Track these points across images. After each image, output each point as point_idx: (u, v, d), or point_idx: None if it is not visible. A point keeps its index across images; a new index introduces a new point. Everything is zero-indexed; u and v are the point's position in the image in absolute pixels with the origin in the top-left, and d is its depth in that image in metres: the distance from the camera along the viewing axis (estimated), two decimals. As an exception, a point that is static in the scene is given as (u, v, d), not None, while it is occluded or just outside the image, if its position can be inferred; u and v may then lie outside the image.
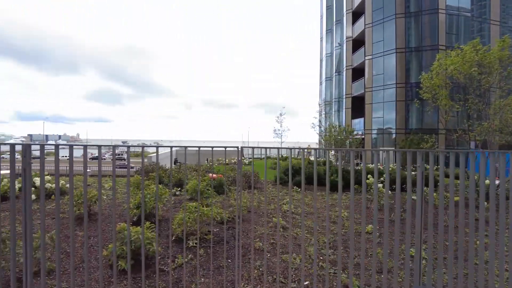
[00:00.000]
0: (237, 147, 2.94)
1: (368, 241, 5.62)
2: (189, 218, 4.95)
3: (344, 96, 36.22)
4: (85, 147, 3.12)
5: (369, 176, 10.17)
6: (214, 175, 10.00)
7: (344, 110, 36.16)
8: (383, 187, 10.05)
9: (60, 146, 2.95)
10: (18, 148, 2.78)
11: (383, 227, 6.72)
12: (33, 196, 7.10)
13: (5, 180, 7.28)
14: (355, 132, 24.88)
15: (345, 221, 6.91)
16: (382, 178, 9.75)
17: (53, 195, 8.13)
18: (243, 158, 25.89)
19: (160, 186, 6.19)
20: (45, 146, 2.91)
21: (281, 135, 32.61)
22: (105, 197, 7.32)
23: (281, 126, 32.80)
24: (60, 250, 3.04)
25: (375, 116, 30.06)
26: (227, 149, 2.94)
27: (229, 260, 4.50)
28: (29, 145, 2.81)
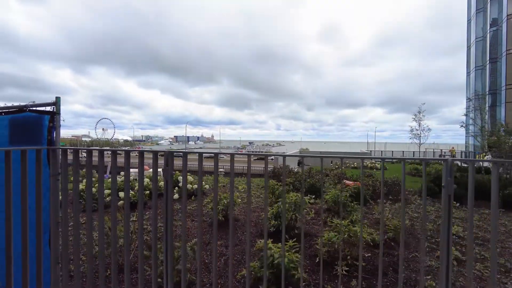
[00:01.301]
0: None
1: None
2: (337, 239, 4.04)
3: (503, 88, 29.20)
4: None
5: None
6: (350, 182, 8.82)
7: (503, 104, 29.14)
8: None
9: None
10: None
11: None
12: (176, 195, 7.47)
13: (147, 180, 7.91)
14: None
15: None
16: None
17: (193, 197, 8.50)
18: (372, 162, 23.44)
19: (295, 194, 5.48)
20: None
21: (420, 136, 28.30)
22: (239, 200, 7.11)
23: (419, 126, 28.49)
24: (200, 261, 2.61)
25: (552, 111, 23.09)
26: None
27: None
28: (171, 153, 2.48)
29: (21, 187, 2.47)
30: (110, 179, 2.98)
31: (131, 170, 13.20)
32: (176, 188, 7.75)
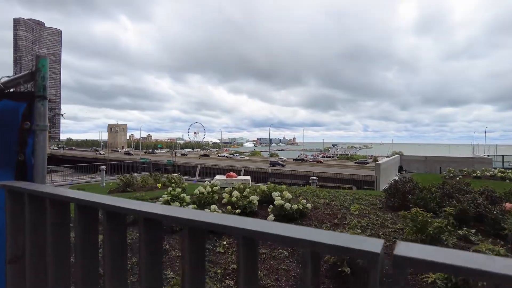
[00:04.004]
0: None
1: None
2: None
3: None
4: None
5: None
6: (509, 205, 5.89)
7: None
8: None
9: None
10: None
11: None
12: (271, 216, 5.84)
13: (236, 193, 6.24)
14: None
15: None
16: None
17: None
18: (491, 169, 18.50)
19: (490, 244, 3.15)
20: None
21: None
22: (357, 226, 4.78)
23: None
24: None
25: None
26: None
27: None
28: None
29: None
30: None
31: (217, 177, 11.81)
32: (271, 206, 5.97)
